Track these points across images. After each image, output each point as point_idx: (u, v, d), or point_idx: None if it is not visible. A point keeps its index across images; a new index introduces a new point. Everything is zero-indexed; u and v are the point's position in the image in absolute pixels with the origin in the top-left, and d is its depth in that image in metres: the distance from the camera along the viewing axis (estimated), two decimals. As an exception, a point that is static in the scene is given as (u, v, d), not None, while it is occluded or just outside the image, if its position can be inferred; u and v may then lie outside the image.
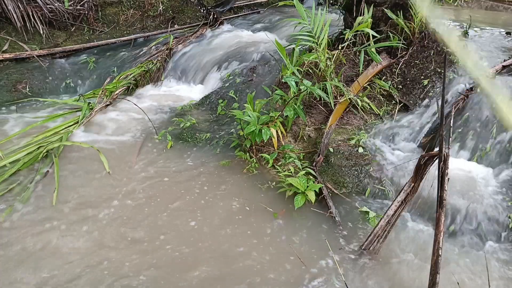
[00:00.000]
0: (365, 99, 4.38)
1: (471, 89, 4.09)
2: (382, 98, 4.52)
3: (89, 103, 4.90)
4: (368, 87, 4.53)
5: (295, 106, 3.96)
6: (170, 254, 2.95)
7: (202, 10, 7.12)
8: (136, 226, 3.20)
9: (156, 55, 5.99)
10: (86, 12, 6.62)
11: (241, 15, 7.61)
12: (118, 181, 3.71)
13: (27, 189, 3.49)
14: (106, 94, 5.15)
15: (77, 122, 4.53)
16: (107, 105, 4.93)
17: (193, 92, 5.49)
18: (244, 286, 2.73)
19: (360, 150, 3.86)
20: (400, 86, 4.60)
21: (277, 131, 3.89)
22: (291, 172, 3.68)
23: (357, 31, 4.43)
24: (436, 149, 2.57)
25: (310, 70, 4.40)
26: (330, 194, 3.54)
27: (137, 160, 4.02)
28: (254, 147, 4.02)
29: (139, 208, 3.38)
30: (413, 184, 2.80)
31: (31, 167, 3.79)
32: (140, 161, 4.01)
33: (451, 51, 4.72)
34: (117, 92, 5.19)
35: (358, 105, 4.31)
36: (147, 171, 3.86)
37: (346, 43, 4.50)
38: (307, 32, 4.20)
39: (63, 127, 4.42)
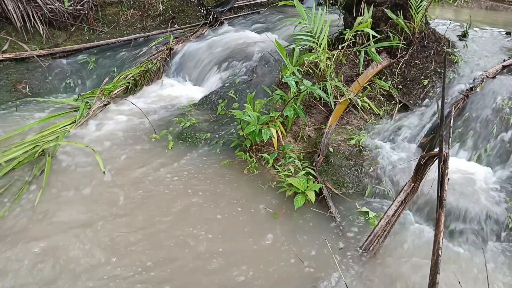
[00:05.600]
0: (365, 99, 4.39)
1: (471, 89, 4.09)
2: (382, 98, 4.53)
3: (87, 102, 4.90)
4: (368, 87, 4.53)
5: (295, 106, 3.96)
6: (171, 254, 2.95)
7: (202, 10, 7.13)
8: (135, 227, 3.19)
9: (156, 55, 5.99)
10: (86, 12, 6.62)
11: (241, 15, 7.62)
12: (115, 181, 3.70)
13: (20, 188, 3.50)
14: (104, 94, 5.15)
15: (74, 122, 4.53)
16: (105, 104, 4.93)
17: (193, 92, 5.49)
18: (244, 285, 2.73)
19: (360, 150, 3.86)
20: (400, 86, 4.60)
21: (277, 131, 3.89)
22: (291, 172, 3.68)
23: (357, 31, 4.43)
24: (436, 149, 2.58)
25: (310, 70, 4.40)
26: (330, 194, 3.54)
27: (136, 160, 4.03)
28: (254, 147, 4.02)
29: (139, 209, 3.37)
30: (413, 184, 2.80)
31: (27, 165, 3.80)
32: (139, 161, 4.01)
33: (451, 51, 4.73)
34: (115, 91, 5.19)
35: (358, 105, 4.31)
36: (146, 171, 3.86)
37: (346, 43, 4.50)
38: (307, 32, 4.20)
39: (60, 126, 4.43)
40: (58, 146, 4.06)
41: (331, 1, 7.15)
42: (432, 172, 2.69)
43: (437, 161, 2.47)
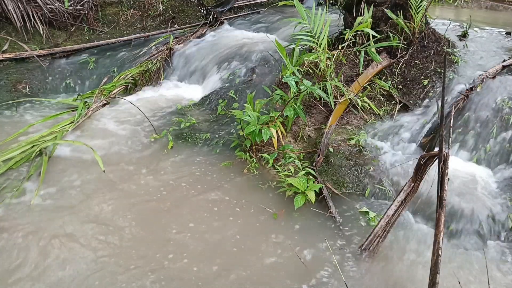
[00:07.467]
0: (365, 99, 4.39)
1: (471, 89, 4.09)
2: (382, 98, 4.53)
3: (86, 102, 4.90)
4: (368, 87, 4.53)
5: (295, 106, 3.96)
6: (170, 255, 2.95)
7: (202, 10, 7.13)
8: (136, 228, 3.19)
9: (156, 55, 5.99)
10: (86, 12, 6.62)
11: (241, 15, 7.61)
12: (114, 181, 3.70)
13: (16, 187, 3.51)
14: (104, 93, 5.15)
15: (73, 122, 4.53)
16: (104, 104, 4.92)
17: (193, 92, 5.48)
18: (244, 285, 2.73)
19: (360, 150, 3.86)
20: (400, 86, 4.60)
21: (277, 131, 3.89)
22: (291, 172, 3.68)
23: (357, 31, 4.43)
24: (436, 149, 2.58)
25: (310, 70, 4.40)
26: (330, 194, 3.54)
27: (135, 160, 4.03)
28: (254, 147, 4.02)
29: (136, 208, 3.38)
30: (413, 184, 2.80)
31: (25, 166, 3.80)
32: (138, 161, 4.01)
33: (451, 51, 4.73)
34: (114, 91, 5.19)
35: (358, 105, 4.31)
36: (145, 171, 3.86)
37: (346, 43, 4.50)
38: (307, 32, 4.20)
39: (58, 126, 4.42)
40: (56, 145, 4.06)
41: (331, 1, 7.15)
42: (432, 172, 2.69)
43: (437, 161, 2.47)
